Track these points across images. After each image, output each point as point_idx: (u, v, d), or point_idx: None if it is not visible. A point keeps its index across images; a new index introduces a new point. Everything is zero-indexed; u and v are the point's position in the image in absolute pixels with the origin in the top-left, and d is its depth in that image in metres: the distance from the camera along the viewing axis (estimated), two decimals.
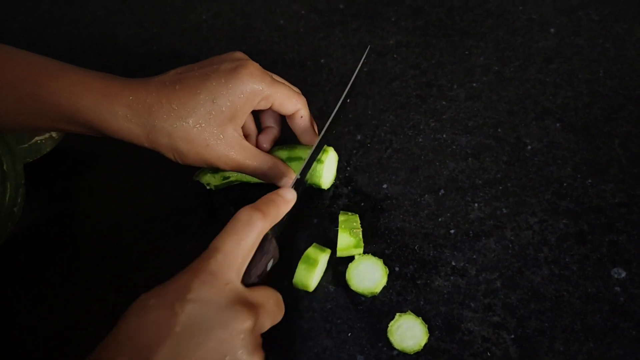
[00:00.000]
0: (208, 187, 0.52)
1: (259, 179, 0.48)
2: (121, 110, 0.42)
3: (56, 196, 0.55)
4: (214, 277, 0.35)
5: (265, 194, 0.40)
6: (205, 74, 0.44)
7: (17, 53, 0.44)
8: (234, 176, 0.51)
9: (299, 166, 0.48)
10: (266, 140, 0.50)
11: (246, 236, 0.37)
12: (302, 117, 0.48)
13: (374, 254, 0.46)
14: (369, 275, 0.45)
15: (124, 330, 0.34)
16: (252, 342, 0.35)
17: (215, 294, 0.35)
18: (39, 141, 0.52)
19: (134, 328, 0.34)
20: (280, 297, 0.39)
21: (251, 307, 0.35)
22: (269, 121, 0.51)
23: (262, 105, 0.46)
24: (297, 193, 0.43)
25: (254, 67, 0.44)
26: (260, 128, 0.52)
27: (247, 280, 0.38)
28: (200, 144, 0.44)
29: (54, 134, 0.53)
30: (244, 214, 0.37)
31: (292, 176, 0.48)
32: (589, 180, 0.50)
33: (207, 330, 0.33)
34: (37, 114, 0.43)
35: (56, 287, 0.49)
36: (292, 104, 0.47)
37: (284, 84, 0.47)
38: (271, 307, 0.37)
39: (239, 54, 0.47)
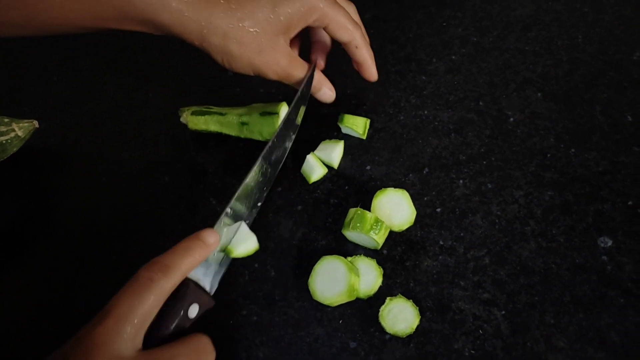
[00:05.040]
0: (186, 124, 0.53)
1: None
2: (176, 3, 0.41)
3: (26, 196, 0.52)
4: (98, 349, 0.31)
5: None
6: None
7: None
8: (213, 127, 0.52)
9: (272, 121, 0.49)
10: (319, 55, 0.50)
11: (143, 297, 0.33)
12: (356, 47, 0.48)
13: None
14: (364, 279, 0.44)
15: None
16: None
17: None
18: (4, 141, 0.50)
19: None
20: (203, 343, 0.35)
21: None
22: (321, 36, 0.51)
23: (317, 24, 0.46)
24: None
25: None
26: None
27: (162, 332, 0.35)
28: (253, 49, 0.44)
29: (19, 133, 0.51)
30: (144, 274, 0.34)
31: (332, 90, 0.49)
32: (572, 150, 0.50)
33: None
34: (90, 10, 0.42)
35: (29, 287, 0.47)
36: (347, 32, 0.47)
37: (344, 10, 0.46)
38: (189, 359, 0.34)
39: None
